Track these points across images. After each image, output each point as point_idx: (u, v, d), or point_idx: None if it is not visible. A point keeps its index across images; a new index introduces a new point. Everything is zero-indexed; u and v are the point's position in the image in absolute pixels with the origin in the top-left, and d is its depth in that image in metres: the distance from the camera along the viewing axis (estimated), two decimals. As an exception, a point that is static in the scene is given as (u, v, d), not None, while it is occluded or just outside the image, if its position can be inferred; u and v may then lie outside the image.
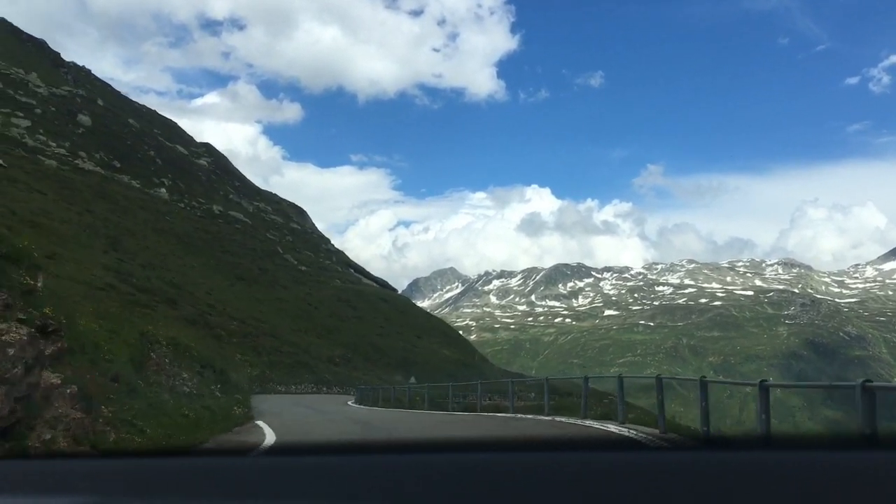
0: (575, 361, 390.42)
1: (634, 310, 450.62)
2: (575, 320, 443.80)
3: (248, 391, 40.64)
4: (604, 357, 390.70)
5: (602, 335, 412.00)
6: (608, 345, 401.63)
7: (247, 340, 64.13)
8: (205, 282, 78.49)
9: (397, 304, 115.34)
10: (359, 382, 75.63)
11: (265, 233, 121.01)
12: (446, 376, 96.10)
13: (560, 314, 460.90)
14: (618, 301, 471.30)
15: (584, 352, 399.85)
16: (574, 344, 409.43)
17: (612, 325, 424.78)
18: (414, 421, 22.22)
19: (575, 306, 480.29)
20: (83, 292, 35.83)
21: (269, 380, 58.91)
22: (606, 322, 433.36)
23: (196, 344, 32.69)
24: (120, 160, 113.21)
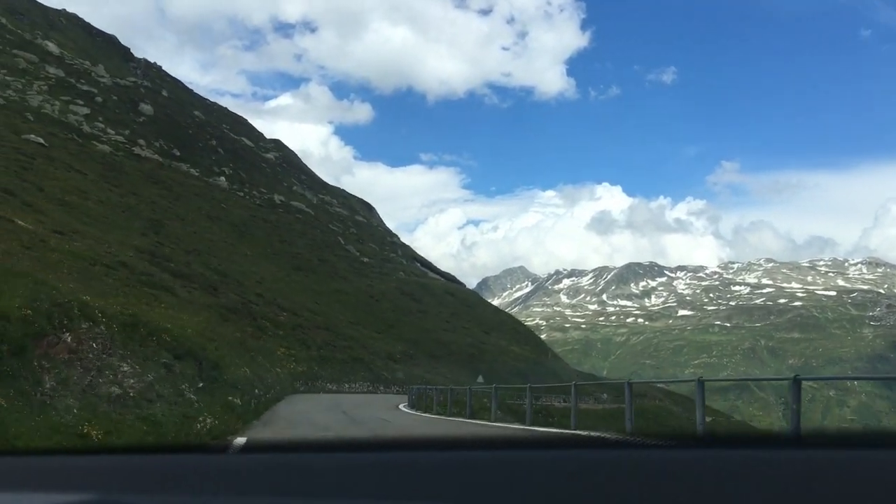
0: (648, 362, 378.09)
1: (710, 310, 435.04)
2: (648, 320, 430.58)
3: (276, 390, 33.38)
4: (678, 358, 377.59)
5: (676, 336, 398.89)
6: (682, 345, 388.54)
7: (295, 333, 57.19)
8: (257, 270, 72.05)
9: (465, 297, 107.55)
10: (419, 381, 68.07)
11: (327, 224, 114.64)
12: (516, 375, 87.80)
13: (632, 314, 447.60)
14: (692, 301, 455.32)
15: (658, 352, 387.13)
16: (647, 344, 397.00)
17: (686, 325, 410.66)
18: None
19: (647, 306, 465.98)
20: (78, 267, 29.03)
21: (317, 377, 51.78)
22: (680, 322, 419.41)
23: (201, 330, 25.43)
24: (180, 149, 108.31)
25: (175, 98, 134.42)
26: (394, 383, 62.67)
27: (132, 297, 26.90)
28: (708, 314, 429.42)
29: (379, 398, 45.51)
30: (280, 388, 38.18)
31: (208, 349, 20.85)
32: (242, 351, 32.00)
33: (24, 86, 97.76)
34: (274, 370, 40.21)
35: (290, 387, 44.67)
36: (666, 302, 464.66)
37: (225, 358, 22.78)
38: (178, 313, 28.44)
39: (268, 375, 34.88)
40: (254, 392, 23.32)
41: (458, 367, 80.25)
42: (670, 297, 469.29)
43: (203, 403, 16.50)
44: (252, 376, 26.97)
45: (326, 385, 52.67)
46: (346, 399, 40.31)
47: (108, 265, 33.72)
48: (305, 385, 48.95)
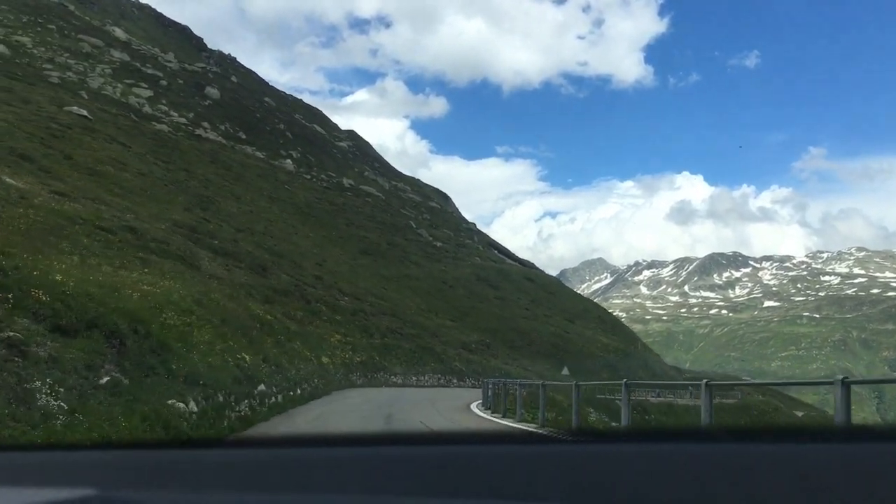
0: (732, 355, 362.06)
1: (797, 301, 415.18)
2: (732, 311, 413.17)
3: (313, 385, 25.61)
4: (764, 350, 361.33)
5: (762, 327, 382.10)
6: (768, 337, 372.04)
7: (356, 319, 49.56)
8: (318, 253, 64.86)
9: (545, 284, 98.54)
10: (497, 373, 59.71)
11: (399, 208, 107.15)
12: (605, 367, 78.69)
13: (715, 305, 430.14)
14: (779, 291, 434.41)
15: (742, 345, 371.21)
16: (731, 336, 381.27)
17: (772, 316, 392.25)
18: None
19: (731, 297, 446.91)
20: (51, 227, 21.82)
21: (378, 367, 44.03)
22: (766, 313, 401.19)
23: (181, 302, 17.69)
24: (246, 132, 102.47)
25: (245, 85, 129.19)
26: (468, 375, 54.56)
27: (102, 262, 19.40)
28: (796, 305, 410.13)
29: (448, 394, 37.30)
30: (325, 381, 30.47)
31: (154, 326, 12.91)
32: (266, 335, 24.26)
33: (87, 69, 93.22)
34: (320, 360, 32.56)
35: (345, 379, 37.00)
36: (751, 293, 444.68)
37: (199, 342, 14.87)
38: (173, 283, 20.85)
39: (305, 366, 27.16)
40: (245, 389, 15.31)
41: (540, 358, 71.74)
42: (755, 288, 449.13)
43: (78, 405, 8.62)
44: (265, 367, 19.13)
45: (390, 377, 44.95)
46: (409, 395, 32.31)
47: (104, 229, 26.44)
48: (365, 377, 41.25)
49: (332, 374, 33.58)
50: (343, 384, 36.10)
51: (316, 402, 23.38)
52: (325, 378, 31.34)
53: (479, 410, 26.27)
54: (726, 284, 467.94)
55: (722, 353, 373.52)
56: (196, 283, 24.64)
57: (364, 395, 28.92)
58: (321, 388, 28.11)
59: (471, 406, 28.03)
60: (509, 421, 21.59)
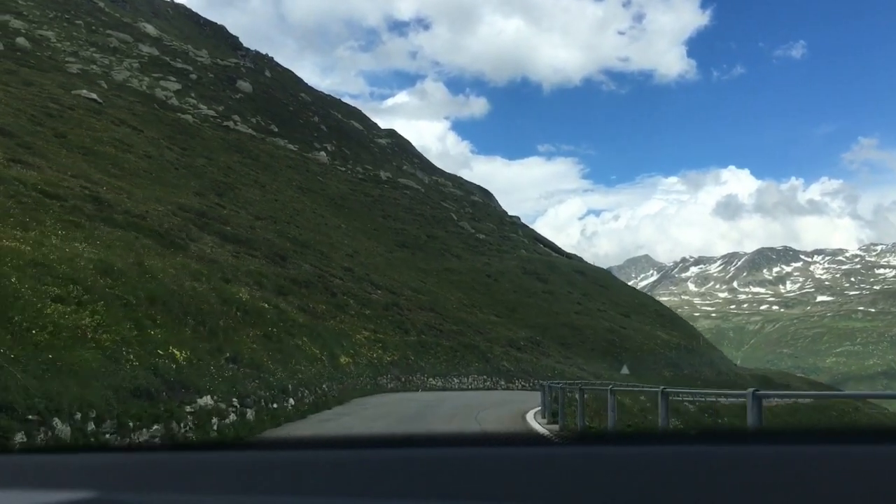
0: (785, 351, 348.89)
1: (851, 295, 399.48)
2: (783, 307, 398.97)
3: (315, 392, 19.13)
4: (817, 346, 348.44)
5: (814, 323, 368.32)
6: (822, 333, 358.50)
7: (389, 314, 43.08)
8: (351, 244, 58.60)
9: (596, 277, 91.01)
10: (549, 373, 52.73)
11: (439, 201, 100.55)
12: (666, 365, 71.19)
13: (766, 301, 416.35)
14: (831, 286, 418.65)
15: (795, 341, 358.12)
16: (783, 332, 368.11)
17: (825, 311, 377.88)
18: None
19: (782, 292, 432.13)
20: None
21: (414, 368, 37.42)
22: (819, 309, 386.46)
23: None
24: (279, 125, 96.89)
25: (279, 80, 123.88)
26: (517, 376, 47.74)
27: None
28: (850, 300, 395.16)
29: (495, 399, 30.48)
30: (342, 386, 23.97)
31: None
32: (249, 327, 17.82)
33: (112, 63, 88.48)
34: (337, 359, 26.06)
35: (372, 383, 30.49)
36: (802, 288, 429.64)
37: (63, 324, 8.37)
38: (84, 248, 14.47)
39: (310, 367, 20.65)
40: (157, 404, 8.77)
41: (595, 356, 64.59)
42: (807, 283, 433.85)
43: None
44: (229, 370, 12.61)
45: (427, 379, 38.34)
46: (448, 402, 25.63)
47: (48, 194, 20.26)
48: (397, 380, 34.70)
49: (352, 377, 27.08)
50: (369, 389, 29.61)
51: (315, 416, 16.89)
52: (343, 382, 24.89)
53: (537, 422, 19.56)
54: (777, 279, 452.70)
55: (774, 349, 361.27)
56: (152, 257, 18.27)
57: (388, 405, 22.37)
58: (333, 396, 21.64)
59: (526, 416, 21.29)
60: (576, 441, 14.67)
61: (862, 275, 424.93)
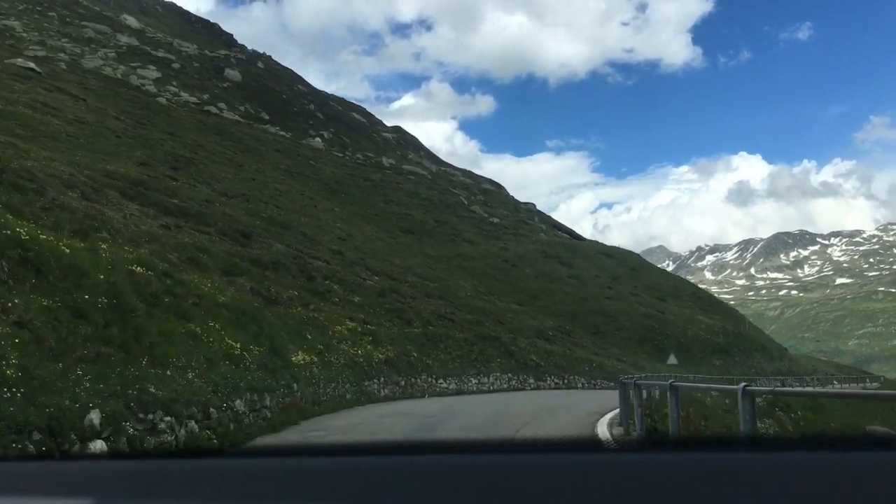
0: (806, 336, 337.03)
1: (871, 276, 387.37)
2: (802, 291, 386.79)
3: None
4: (839, 329, 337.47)
5: (835, 306, 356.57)
6: (843, 315, 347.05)
7: (386, 302, 33.62)
8: (345, 227, 49.25)
9: (625, 259, 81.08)
10: (587, 367, 43.10)
11: (448, 188, 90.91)
12: (715, 353, 61.43)
13: (784, 286, 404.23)
14: (850, 268, 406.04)
15: (816, 325, 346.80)
16: (803, 317, 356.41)
17: (845, 294, 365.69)
18: None
19: (801, 276, 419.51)
20: None
21: (417, 368, 27.89)
22: (839, 291, 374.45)
23: None
24: (270, 113, 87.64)
25: (272, 72, 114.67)
26: (549, 373, 38.16)
27: None
28: (870, 280, 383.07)
29: (534, 405, 20.70)
30: (292, 396, 14.54)
31: None
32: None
33: (85, 52, 79.60)
34: (287, 357, 16.68)
35: (353, 390, 21.10)
36: (821, 271, 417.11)
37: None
38: None
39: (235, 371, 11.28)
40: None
41: (632, 344, 55.00)
42: (825, 266, 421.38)
43: None
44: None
45: (437, 381, 28.87)
46: (463, 413, 16.33)
47: None
48: (393, 384, 25.24)
49: (317, 383, 17.72)
50: (349, 399, 20.23)
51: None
52: (297, 391, 15.58)
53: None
54: (794, 264, 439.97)
55: (795, 334, 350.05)
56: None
57: (361, 427, 12.94)
58: (264, 418, 12.33)
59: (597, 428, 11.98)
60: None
61: (880, 255, 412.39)
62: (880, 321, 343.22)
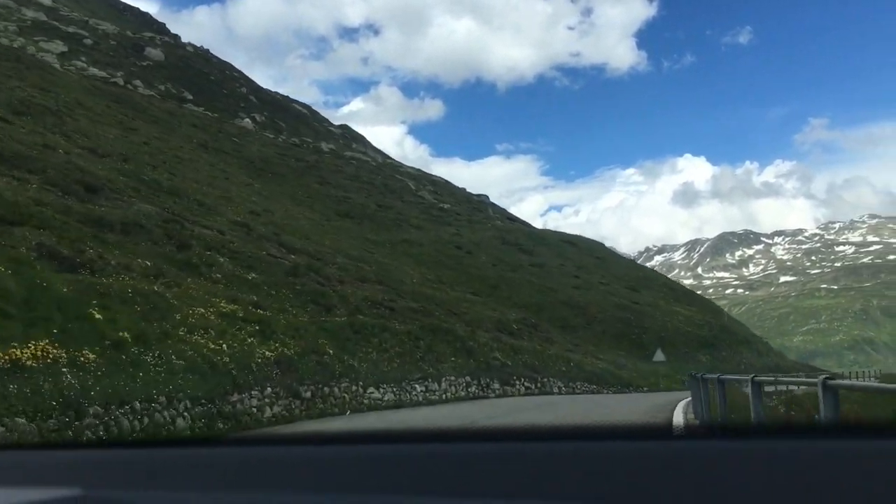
0: (753, 333, 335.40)
1: (813, 273, 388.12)
2: (748, 290, 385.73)
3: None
4: (784, 326, 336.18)
5: (780, 303, 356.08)
6: (788, 313, 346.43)
7: (298, 282, 24.06)
8: (263, 203, 39.50)
9: (590, 248, 72.55)
10: (564, 367, 34.07)
11: (394, 175, 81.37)
12: (701, 346, 53.08)
13: (731, 285, 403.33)
14: (793, 266, 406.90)
15: (762, 322, 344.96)
16: (749, 315, 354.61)
17: (789, 291, 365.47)
18: None
19: (746, 275, 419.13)
20: None
21: (333, 371, 18.38)
22: (783, 289, 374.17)
23: None
24: (196, 94, 77.14)
25: (204, 56, 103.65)
26: (519, 375, 28.97)
27: None
28: (812, 278, 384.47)
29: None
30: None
31: None
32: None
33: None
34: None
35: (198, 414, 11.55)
36: (766, 269, 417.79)
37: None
38: None
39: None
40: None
41: (608, 340, 46.18)
42: (770, 264, 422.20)
43: None
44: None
45: (366, 391, 19.45)
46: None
47: None
48: (292, 397, 15.74)
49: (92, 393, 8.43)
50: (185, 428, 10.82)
51: None
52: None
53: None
54: (740, 263, 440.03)
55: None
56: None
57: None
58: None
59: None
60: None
61: (822, 253, 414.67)
62: (823, 318, 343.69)
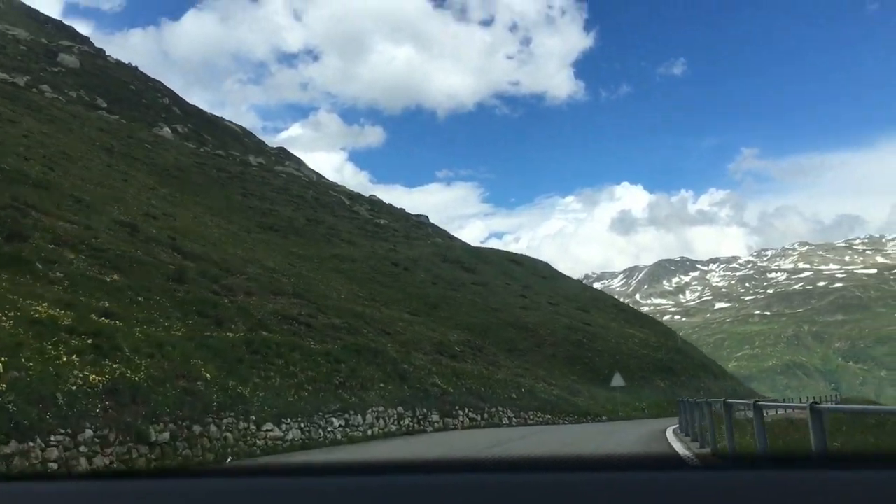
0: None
1: (747, 300, 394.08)
2: (685, 316, 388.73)
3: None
4: (720, 352, 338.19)
5: (715, 329, 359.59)
6: (723, 339, 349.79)
7: (179, 290, 18.75)
8: (165, 208, 33.92)
9: (535, 268, 68.22)
10: (515, 394, 29.30)
11: (328, 191, 76.06)
12: (658, 371, 48.94)
13: (668, 311, 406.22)
14: (728, 293, 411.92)
15: (699, 348, 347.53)
16: (687, 340, 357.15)
17: (724, 317, 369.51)
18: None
19: (683, 302, 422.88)
20: None
21: (211, 403, 13.18)
22: (719, 315, 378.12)
23: None
24: (111, 102, 70.79)
25: (127, 69, 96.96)
26: (461, 404, 24.06)
27: None
28: (746, 304, 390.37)
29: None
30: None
31: None
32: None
33: None
34: None
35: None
36: (701, 296, 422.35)
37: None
38: None
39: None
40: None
41: (559, 363, 41.63)
42: (705, 291, 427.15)
43: None
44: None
45: (260, 427, 14.23)
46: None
47: None
48: (131, 443, 10.48)
49: None
50: None
51: None
52: None
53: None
54: (677, 290, 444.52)
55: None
56: None
57: None
58: None
59: None
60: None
61: (755, 280, 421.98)
62: (756, 343, 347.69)
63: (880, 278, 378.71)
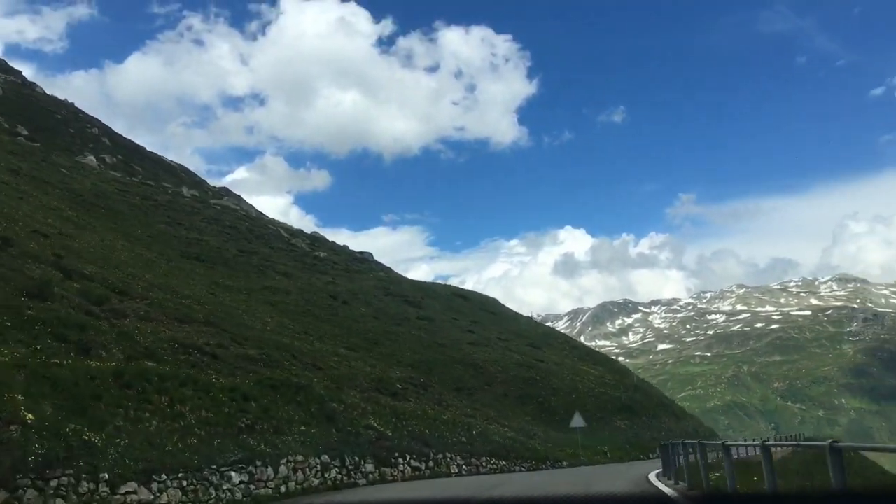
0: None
1: (688, 341, 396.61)
2: (628, 358, 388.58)
3: None
4: (663, 393, 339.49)
5: (658, 370, 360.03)
6: (666, 380, 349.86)
7: (34, 309, 14.47)
8: (68, 230, 29.31)
9: (483, 302, 64.49)
10: (465, 437, 25.33)
11: (266, 224, 71.56)
12: (617, 411, 45.35)
13: (612, 353, 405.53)
14: (670, 334, 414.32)
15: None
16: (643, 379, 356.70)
17: (667, 359, 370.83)
18: None
19: (626, 343, 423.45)
20: None
21: (34, 457, 9.00)
22: (661, 357, 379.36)
23: None
24: (33, 131, 65.47)
25: (53, 100, 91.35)
26: (401, 451, 19.98)
27: None
28: (687, 346, 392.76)
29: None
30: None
31: None
32: None
33: None
34: None
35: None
36: (644, 338, 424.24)
37: None
38: None
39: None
40: None
41: (512, 402, 37.84)
42: (648, 333, 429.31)
43: None
44: None
45: (116, 489, 9.96)
46: None
47: None
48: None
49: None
50: None
51: None
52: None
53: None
54: (620, 331, 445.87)
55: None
56: None
57: None
58: None
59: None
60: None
61: (695, 321, 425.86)
62: (699, 384, 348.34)
63: (814, 319, 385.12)
